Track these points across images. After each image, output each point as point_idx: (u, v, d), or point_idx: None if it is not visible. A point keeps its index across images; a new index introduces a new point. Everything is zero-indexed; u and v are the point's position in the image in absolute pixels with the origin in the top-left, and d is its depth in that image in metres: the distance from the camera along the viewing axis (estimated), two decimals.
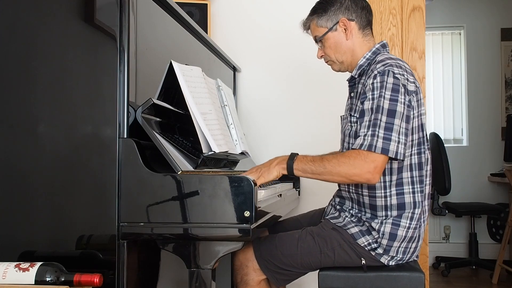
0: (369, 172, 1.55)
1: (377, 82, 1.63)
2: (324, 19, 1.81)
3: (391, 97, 1.60)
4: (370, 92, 1.63)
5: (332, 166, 1.58)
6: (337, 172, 1.58)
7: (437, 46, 5.19)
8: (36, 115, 1.43)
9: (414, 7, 2.69)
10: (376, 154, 1.55)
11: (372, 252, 1.70)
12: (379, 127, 1.57)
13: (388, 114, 1.58)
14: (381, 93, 1.60)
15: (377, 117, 1.58)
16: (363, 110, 1.63)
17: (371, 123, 1.59)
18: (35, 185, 1.42)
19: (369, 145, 1.56)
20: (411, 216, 1.70)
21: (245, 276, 1.74)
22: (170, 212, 1.36)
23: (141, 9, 1.48)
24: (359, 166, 1.55)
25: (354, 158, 1.56)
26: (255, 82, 2.81)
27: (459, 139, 5.15)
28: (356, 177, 1.57)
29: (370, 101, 1.62)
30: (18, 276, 1.25)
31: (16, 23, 1.44)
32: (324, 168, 1.59)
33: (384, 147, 1.55)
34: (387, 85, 1.61)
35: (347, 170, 1.56)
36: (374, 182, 1.58)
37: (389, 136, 1.56)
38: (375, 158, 1.55)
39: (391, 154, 1.56)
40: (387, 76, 1.62)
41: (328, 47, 1.83)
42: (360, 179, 1.57)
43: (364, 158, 1.55)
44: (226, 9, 2.83)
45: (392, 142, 1.56)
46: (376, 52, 1.80)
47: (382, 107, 1.59)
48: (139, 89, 1.46)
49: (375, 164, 1.55)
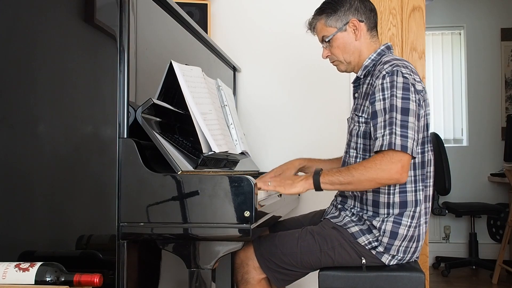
0: (397, 172, 1.55)
1: (387, 82, 1.63)
2: (333, 19, 1.81)
3: (403, 95, 1.60)
4: (380, 92, 1.63)
5: (360, 173, 1.57)
6: (366, 179, 1.57)
7: (437, 46, 5.19)
8: (36, 115, 1.43)
9: (414, 7, 2.69)
10: (400, 154, 1.55)
11: (372, 251, 1.70)
12: (395, 125, 1.57)
13: (402, 112, 1.59)
14: (392, 93, 1.61)
15: (392, 115, 1.58)
16: (375, 112, 1.63)
17: (386, 122, 1.59)
18: (35, 185, 1.42)
19: (389, 143, 1.55)
20: (412, 214, 1.70)
21: (246, 275, 1.75)
22: (170, 212, 1.36)
23: (141, 9, 1.48)
24: (387, 169, 1.55)
25: (380, 162, 1.56)
26: (255, 82, 2.81)
27: (459, 139, 5.15)
28: (385, 179, 1.56)
29: (382, 101, 1.62)
30: (18, 276, 1.25)
31: (16, 23, 1.44)
32: (353, 176, 1.58)
33: (403, 144, 1.55)
34: (397, 84, 1.61)
35: (376, 174, 1.56)
36: (403, 181, 1.58)
37: (406, 134, 1.56)
38: (400, 157, 1.55)
39: (409, 151, 1.56)
40: (396, 76, 1.63)
41: (336, 47, 1.83)
42: (390, 181, 1.57)
43: (390, 159, 1.55)
44: (226, 9, 2.83)
45: (409, 139, 1.56)
46: (381, 54, 1.81)
47: (396, 105, 1.59)
48: (139, 89, 1.46)
49: (402, 164, 1.55)
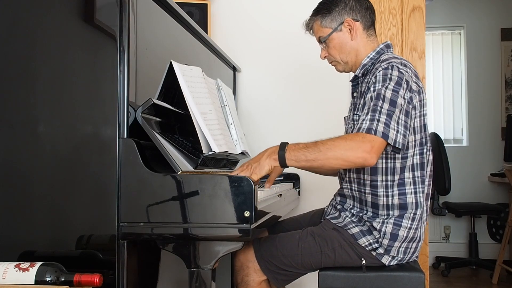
0: (366, 151, 1.49)
1: (381, 75, 1.63)
2: (328, 19, 1.80)
3: (394, 88, 1.59)
4: (373, 85, 1.63)
5: (328, 148, 1.50)
6: (333, 155, 1.50)
7: (437, 46, 5.19)
8: (36, 115, 1.42)
9: (414, 7, 2.69)
10: (374, 136, 1.51)
11: (373, 252, 1.70)
12: (379, 113, 1.55)
13: (390, 103, 1.57)
14: (384, 84, 1.60)
15: (377, 103, 1.57)
16: (364, 103, 1.63)
17: (370, 109, 1.57)
18: (35, 185, 1.42)
19: (368, 128, 1.52)
20: (412, 216, 1.69)
21: (246, 277, 1.74)
22: (170, 212, 1.36)
23: (141, 9, 1.48)
24: (355, 146, 1.49)
25: (350, 139, 1.51)
26: (255, 82, 2.81)
27: (459, 139, 5.15)
28: (353, 157, 1.49)
29: (372, 92, 1.62)
30: (18, 276, 1.25)
31: (16, 23, 1.44)
32: (319, 151, 1.51)
33: (384, 132, 1.52)
34: (391, 77, 1.61)
35: (344, 151, 1.49)
36: (372, 163, 1.50)
37: (389, 123, 1.54)
38: (372, 138, 1.51)
39: (390, 140, 1.53)
40: (391, 69, 1.63)
41: (332, 48, 1.83)
42: (357, 159, 1.50)
43: (361, 139, 1.51)
44: (226, 9, 2.83)
45: (391, 129, 1.54)
46: (380, 52, 1.80)
47: (384, 95, 1.58)
48: (139, 89, 1.46)
49: (372, 144, 1.50)
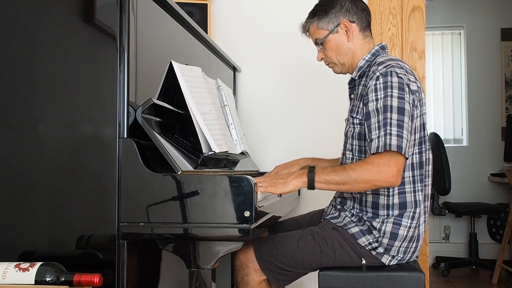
0: (394, 176, 1.55)
1: (380, 83, 1.63)
2: (325, 21, 1.80)
3: (399, 95, 1.60)
4: (373, 93, 1.63)
5: (358, 174, 1.55)
6: (362, 180, 1.55)
7: (437, 46, 5.19)
8: (36, 115, 1.42)
9: (414, 7, 2.69)
10: (397, 157, 1.55)
11: (372, 251, 1.70)
12: (390, 125, 1.57)
13: (398, 112, 1.58)
14: (387, 93, 1.60)
15: (387, 116, 1.58)
16: (369, 112, 1.63)
17: (381, 123, 1.58)
18: (35, 185, 1.42)
19: (385, 145, 1.55)
20: (412, 215, 1.70)
21: (246, 277, 1.74)
22: (170, 212, 1.36)
23: (141, 9, 1.48)
24: (384, 171, 1.55)
25: (377, 164, 1.55)
26: (255, 82, 2.81)
27: (459, 139, 5.15)
28: (381, 182, 1.56)
29: (375, 102, 1.62)
30: (18, 276, 1.25)
31: (16, 23, 1.44)
32: (349, 177, 1.56)
33: (399, 145, 1.55)
34: (392, 84, 1.61)
35: (373, 176, 1.55)
36: (397, 184, 1.58)
37: (401, 133, 1.56)
38: (397, 161, 1.55)
39: (403, 152, 1.56)
40: (390, 76, 1.62)
41: (329, 49, 1.83)
42: (385, 184, 1.57)
43: (387, 163, 1.55)
44: (226, 9, 2.82)
45: (404, 139, 1.56)
46: (376, 54, 1.80)
47: (391, 105, 1.59)
48: (139, 89, 1.46)
49: (398, 167, 1.55)
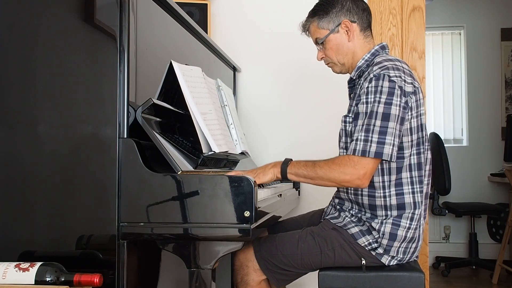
0: (359, 178, 1.58)
1: (372, 86, 1.63)
2: (325, 21, 1.80)
3: (386, 100, 1.60)
4: (364, 95, 1.64)
5: (324, 172, 1.61)
6: (327, 178, 1.61)
7: (437, 46, 5.19)
8: (36, 115, 1.43)
9: (414, 7, 2.69)
10: (366, 160, 1.58)
11: (372, 252, 1.70)
12: (372, 132, 1.59)
13: (383, 118, 1.59)
14: (375, 98, 1.61)
15: (370, 122, 1.59)
16: (358, 113, 1.65)
17: (363, 127, 1.60)
18: (35, 185, 1.42)
19: (363, 151, 1.58)
20: (411, 216, 1.69)
21: (246, 276, 1.74)
22: (170, 212, 1.36)
23: (141, 9, 1.48)
24: (349, 173, 1.58)
25: (344, 165, 1.59)
26: (255, 82, 2.81)
27: (459, 139, 5.15)
28: (346, 183, 1.61)
29: (364, 104, 1.63)
30: (18, 276, 1.25)
31: (16, 23, 1.44)
32: (316, 173, 1.62)
33: (378, 151, 1.57)
34: (382, 89, 1.61)
35: (337, 176, 1.60)
36: (364, 186, 1.62)
37: (383, 140, 1.58)
38: (365, 164, 1.58)
39: (385, 157, 1.58)
40: (382, 80, 1.62)
41: (329, 49, 1.82)
42: (350, 185, 1.62)
43: (354, 165, 1.58)
44: (226, 9, 2.83)
45: (387, 145, 1.58)
46: (375, 54, 1.80)
47: (376, 112, 1.60)
48: (139, 89, 1.46)
49: (365, 171, 1.58)
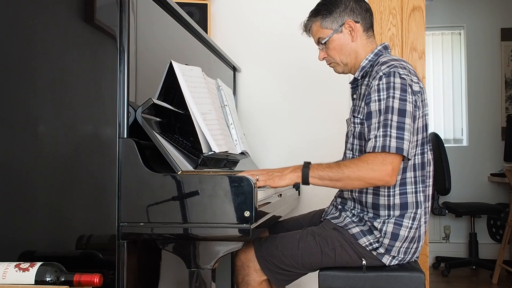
0: (388, 174, 1.55)
1: (383, 83, 1.62)
2: (329, 20, 1.79)
3: (401, 96, 1.59)
4: (375, 93, 1.63)
5: (351, 171, 1.56)
6: (356, 177, 1.56)
7: (437, 46, 5.19)
8: (36, 115, 1.42)
9: (414, 7, 2.69)
10: (392, 155, 1.55)
11: (373, 252, 1.70)
12: (390, 127, 1.56)
13: (399, 114, 1.58)
14: (389, 94, 1.60)
15: (387, 117, 1.58)
16: (370, 112, 1.62)
17: (381, 124, 1.58)
18: (35, 185, 1.42)
19: (383, 146, 1.55)
20: (413, 216, 1.69)
21: (246, 277, 1.74)
22: (170, 212, 1.36)
23: (141, 9, 1.48)
24: (378, 169, 1.55)
25: (372, 162, 1.55)
26: (255, 82, 2.81)
27: (459, 139, 5.15)
28: (375, 180, 1.56)
29: (377, 102, 1.61)
30: (18, 276, 1.25)
31: (16, 23, 1.44)
32: (343, 173, 1.57)
33: (399, 146, 1.55)
34: (395, 85, 1.60)
35: (366, 174, 1.55)
36: (392, 183, 1.58)
37: (402, 135, 1.56)
38: (392, 159, 1.55)
39: (405, 153, 1.55)
40: (393, 77, 1.62)
41: (332, 49, 1.82)
42: (379, 182, 1.57)
43: (382, 161, 1.55)
44: (226, 9, 2.83)
45: (405, 141, 1.56)
46: (378, 54, 1.80)
47: (392, 107, 1.58)
48: (139, 89, 1.46)
49: (393, 166, 1.55)
